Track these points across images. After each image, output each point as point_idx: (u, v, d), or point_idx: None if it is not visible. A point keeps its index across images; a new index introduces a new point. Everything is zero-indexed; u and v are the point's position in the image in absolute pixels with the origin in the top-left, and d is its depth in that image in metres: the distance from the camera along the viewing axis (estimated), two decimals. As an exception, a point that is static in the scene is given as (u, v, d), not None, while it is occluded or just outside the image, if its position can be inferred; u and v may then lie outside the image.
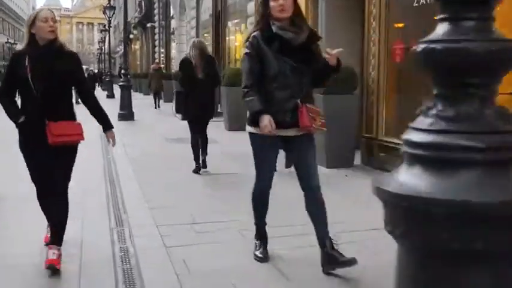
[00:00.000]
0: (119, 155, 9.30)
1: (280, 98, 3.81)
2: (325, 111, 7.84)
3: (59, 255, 3.92)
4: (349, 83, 7.73)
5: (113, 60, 72.26)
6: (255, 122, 3.86)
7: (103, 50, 59.51)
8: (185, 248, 4.33)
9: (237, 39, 17.91)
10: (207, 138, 7.89)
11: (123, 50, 62.47)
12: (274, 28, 3.78)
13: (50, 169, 3.95)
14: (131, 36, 44.86)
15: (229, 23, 17.94)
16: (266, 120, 3.74)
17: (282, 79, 3.80)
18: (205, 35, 22.17)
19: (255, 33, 3.90)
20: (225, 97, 13.49)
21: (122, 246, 4.45)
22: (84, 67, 43.36)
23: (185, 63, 7.55)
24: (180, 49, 25.71)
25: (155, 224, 4.96)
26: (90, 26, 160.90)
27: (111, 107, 21.48)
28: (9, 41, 71.87)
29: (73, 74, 4.04)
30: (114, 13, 29.81)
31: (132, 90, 17.34)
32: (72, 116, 4.13)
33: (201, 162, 7.67)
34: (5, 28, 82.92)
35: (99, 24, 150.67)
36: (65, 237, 4.08)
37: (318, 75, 3.94)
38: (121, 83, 16.77)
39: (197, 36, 21.90)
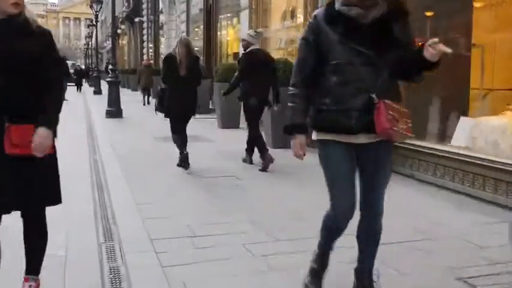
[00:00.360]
0: (107, 154, 8.73)
1: (343, 95, 2.83)
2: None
3: (37, 288, 3.16)
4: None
5: (99, 56, 71.40)
6: (318, 126, 2.97)
7: (90, 45, 58.53)
8: (184, 268, 3.76)
9: (229, 34, 17.33)
10: (186, 137, 7.62)
11: (110, 45, 61.72)
12: (337, 4, 2.87)
13: (10, 186, 2.91)
14: (119, 31, 44.10)
15: (221, 17, 17.36)
16: (297, 143, 2.96)
17: (346, 70, 2.83)
18: (195, 29, 21.59)
19: (318, 11, 2.99)
20: (217, 93, 12.90)
21: (111, 265, 3.88)
22: (70, 62, 42.56)
23: (169, 59, 7.38)
24: (169, 44, 25.05)
25: (149, 237, 4.39)
26: (77, 21, 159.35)
27: (98, 104, 20.97)
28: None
29: (42, 57, 2.93)
30: (101, 7, 29.07)
31: (119, 86, 16.67)
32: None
33: (182, 158, 7.49)
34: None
35: (86, 19, 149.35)
36: (46, 253, 3.39)
37: (404, 65, 2.82)
38: (109, 79, 16.13)
39: (187, 31, 21.31)
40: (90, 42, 58.83)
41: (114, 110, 15.64)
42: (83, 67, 57.61)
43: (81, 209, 5.41)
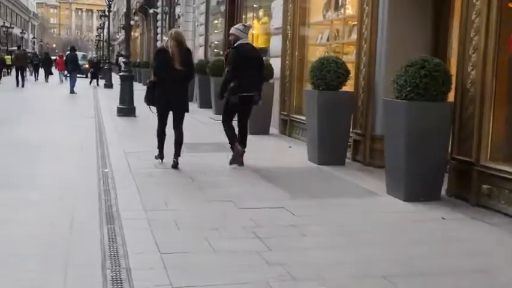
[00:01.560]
0: (119, 167, 7.17)
1: None
2: (407, 123, 5.98)
3: None
4: (438, 85, 5.63)
5: (111, 48, 70.01)
6: None
7: (102, 37, 57.08)
8: None
9: (256, 27, 15.71)
10: (182, 136, 7.39)
11: (122, 37, 60.13)
12: None
13: None
14: (132, 22, 42.63)
15: (247, 8, 15.78)
16: None
17: None
18: (215, 22, 20.01)
19: None
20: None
21: None
22: (81, 53, 40.96)
23: (162, 51, 7.28)
24: (186, 37, 23.44)
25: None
26: (90, 13, 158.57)
27: (109, 99, 19.48)
28: (5, 24, 69.38)
29: None
30: (114, -3, 27.53)
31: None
32: None
33: (173, 163, 7.25)
34: (2, 12, 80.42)
35: (99, 11, 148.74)
36: None
37: None
38: (122, 73, 14.57)
39: (206, 23, 19.75)
40: (102, 34, 57.25)
41: (127, 108, 14.11)
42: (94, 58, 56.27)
43: (87, 246, 4.04)
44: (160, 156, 7.50)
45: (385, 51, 7.78)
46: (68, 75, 25.48)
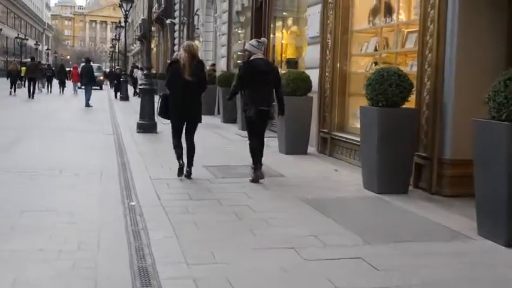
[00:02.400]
0: (147, 199, 6.09)
1: None
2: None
3: None
4: None
5: (126, 59, 69.35)
6: None
7: (117, 48, 56.37)
8: None
9: (284, 37, 14.67)
10: (194, 147, 7.53)
11: (137, 48, 59.41)
12: None
13: None
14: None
15: (276, 16, 14.74)
16: None
17: None
18: (238, 31, 19.00)
19: None
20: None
21: None
22: (96, 65, 40.14)
23: (174, 64, 7.41)
24: (206, 48, 22.53)
25: None
26: (104, 25, 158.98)
27: (126, 113, 18.44)
28: (19, 36, 69.03)
29: None
30: (131, 7, 26.65)
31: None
32: None
33: (185, 173, 7.35)
34: (17, 24, 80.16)
35: (113, 23, 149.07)
36: None
37: None
38: (142, 86, 13.53)
39: (229, 33, 18.74)
40: (118, 45, 56.55)
41: (147, 124, 13.06)
42: (107, 70, 55.37)
43: None
44: (181, 166, 7.41)
45: (456, 61, 6.69)
46: (82, 87, 24.56)
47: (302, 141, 10.06)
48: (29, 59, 36.21)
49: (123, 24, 39.79)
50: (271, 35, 14.66)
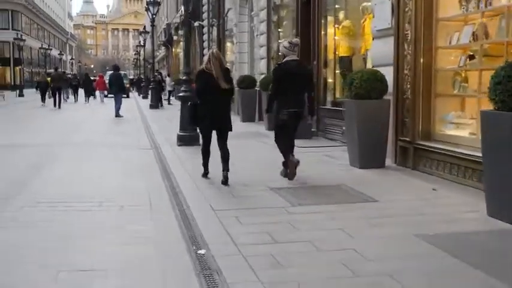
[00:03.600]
0: (220, 245, 4.56)
1: None
2: None
3: None
4: None
5: (149, 66, 68.27)
6: None
7: (144, 54, 55.21)
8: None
9: (337, 33, 13.07)
10: (228, 152, 7.41)
11: (162, 54, 58.32)
12: None
13: None
14: (175, 37, 40.61)
15: (329, 9, 13.16)
16: None
17: None
18: (278, 29, 17.46)
19: None
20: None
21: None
22: (122, 72, 39.27)
23: (203, 73, 7.31)
24: (241, 49, 20.99)
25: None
26: (126, 32, 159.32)
27: (160, 123, 16.94)
28: (43, 46, 68.43)
29: None
30: (158, 10, 25.25)
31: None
32: None
33: (223, 178, 7.14)
34: (41, 35, 79.75)
35: (134, 30, 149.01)
36: None
37: None
38: (182, 93, 12.02)
39: (269, 32, 17.23)
40: (143, 51, 55.41)
41: (188, 136, 11.56)
42: (131, 77, 54.31)
43: None
44: (206, 173, 7.60)
45: None
46: (110, 95, 23.29)
47: (379, 152, 8.46)
48: (53, 70, 35.82)
49: (147, 30, 38.64)
50: (322, 32, 13.06)
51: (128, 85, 36.94)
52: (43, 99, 31.10)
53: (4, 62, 63.82)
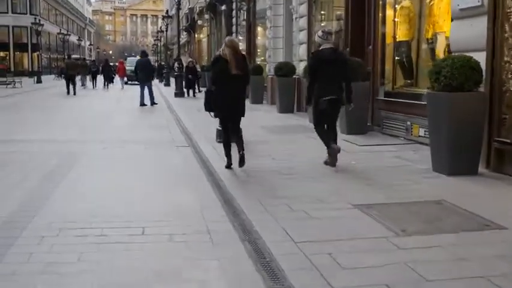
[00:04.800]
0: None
1: None
2: None
3: None
4: None
5: (168, 52, 66.89)
6: None
7: (164, 40, 53.73)
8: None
9: (397, 15, 11.49)
10: (241, 135, 7.47)
11: (183, 40, 56.85)
12: None
13: None
14: (199, 22, 39.11)
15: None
16: None
17: None
18: (321, 11, 15.91)
19: None
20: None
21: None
22: (153, 58, 38.08)
23: (219, 60, 7.39)
24: (275, 34, 19.40)
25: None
26: (144, 18, 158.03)
27: (191, 114, 15.37)
28: (62, 32, 67.24)
29: None
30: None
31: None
32: None
33: (239, 159, 7.21)
34: (59, 20, 78.57)
35: (153, 16, 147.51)
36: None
37: None
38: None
39: (310, 14, 15.68)
40: (162, 37, 53.92)
41: (230, 131, 10.11)
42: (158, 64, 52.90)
43: None
44: (229, 163, 7.49)
45: None
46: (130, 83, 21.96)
47: (472, 156, 6.95)
48: (67, 57, 35.05)
49: (170, 14, 37.17)
50: (380, 14, 11.48)
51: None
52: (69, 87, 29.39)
53: (22, 48, 62.59)
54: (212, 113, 7.69)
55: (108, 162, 8.48)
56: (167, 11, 42.62)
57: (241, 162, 7.22)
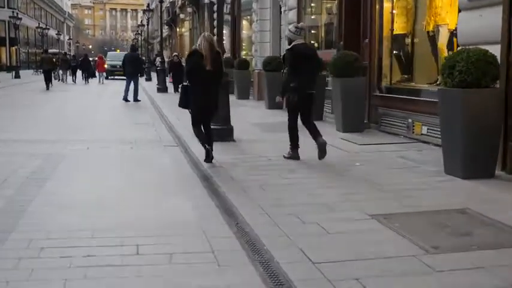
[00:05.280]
0: None
1: None
2: None
3: None
4: None
5: (149, 47, 65.86)
6: None
7: (144, 35, 52.80)
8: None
9: (394, 6, 10.98)
10: (212, 132, 7.78)
11: (164, 34, 56.05)
12: None
13: None
14: (181, 16, 38.36)
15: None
16: None
17: None
18: (311, 3, 15.35)
19: None
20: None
21: None
22: (122, 54, 37.62)
23: (195, 54, 7.49)
24: (262, 27, 18.81)
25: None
26: (124, 13, 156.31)
27: (174, 109, 14.53)
28: (40, 26, 65.88)
29: None
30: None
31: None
32: None
33: (206, 153, 7.36)
34: (38, 14, 77.02)
35: (133, 10, 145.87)
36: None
37: None
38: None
39: (299, 7, 15.14)
40: (143, 31, 52.99)
41: (223, 130, 9.52)
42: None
43: None
44: (207, 150, 7.41)
45: None
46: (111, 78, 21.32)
47: (489, 157, 6.44)
48: (43, 51, 34.67)
49: (151, 8, 36.36)
50: (377, 6, 10.94)
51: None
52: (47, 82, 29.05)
53: (0, 42, 61.25)
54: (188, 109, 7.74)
55: (92, 165, 7.80)
56: (148, 4, 41.74)
57: (208, 157, 7.34)
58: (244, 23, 23.06)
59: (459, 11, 8.06)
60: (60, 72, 36.42)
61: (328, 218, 4.83)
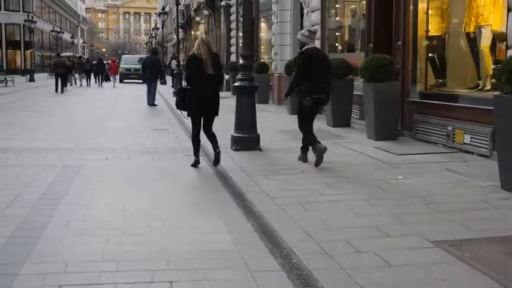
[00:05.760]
0: None
1: None
2: None
3: None
4: None
5: (163, 50, 65.62)
6: None
7: (159, 38, 52.43)
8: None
9: (430, 7, 10.31)
10: (214, 134, 7.68)
11: (180, 37, 55.78)
12: None
13: None
14: (197, 18, 37.89)
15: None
16: None
17: None
18: (336, 6, 14.72)
19: None
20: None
21: None
22: (137, 57, 37.12)
23: (194, 58, 7.45)
24: (282, 30, 18.20)
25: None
26: (137, 16, 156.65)
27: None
28: (55, 29, 65.74)
29: None
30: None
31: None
32: None
33: (214, 158, 7.57)
34: (52, 18, 76.98)
35: (146, 14, 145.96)
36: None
37: None
38: (239, 83, 9.29)
39: (323, 8, 14.52)
40: (157, 34, 52.60)
41: (248, 138, 9.10)
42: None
43: None
44: (196, 161, 7.57)
45: None
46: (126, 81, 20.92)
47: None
48: (55, 55, 34.32)
49: (165, 11, 35.90)
50: (411, 7, 10.29)
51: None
52: (70, 83, 29.69)
53: (14, 45, 61.03)
54: (185, 112, 7.77)
55: (112, 180, 7.15)
56: (163, 7, 41.29)
57: (217, 160, 7.47)
58: (263, 25, 22.46)
59: (509, 10, 7.41)
60: (76, 75, 36.22)
61: (386, 246, 4.21)
